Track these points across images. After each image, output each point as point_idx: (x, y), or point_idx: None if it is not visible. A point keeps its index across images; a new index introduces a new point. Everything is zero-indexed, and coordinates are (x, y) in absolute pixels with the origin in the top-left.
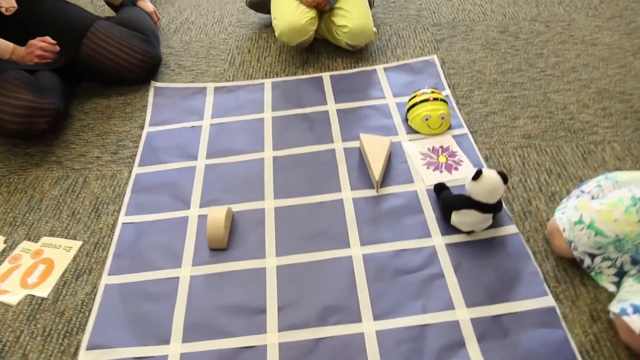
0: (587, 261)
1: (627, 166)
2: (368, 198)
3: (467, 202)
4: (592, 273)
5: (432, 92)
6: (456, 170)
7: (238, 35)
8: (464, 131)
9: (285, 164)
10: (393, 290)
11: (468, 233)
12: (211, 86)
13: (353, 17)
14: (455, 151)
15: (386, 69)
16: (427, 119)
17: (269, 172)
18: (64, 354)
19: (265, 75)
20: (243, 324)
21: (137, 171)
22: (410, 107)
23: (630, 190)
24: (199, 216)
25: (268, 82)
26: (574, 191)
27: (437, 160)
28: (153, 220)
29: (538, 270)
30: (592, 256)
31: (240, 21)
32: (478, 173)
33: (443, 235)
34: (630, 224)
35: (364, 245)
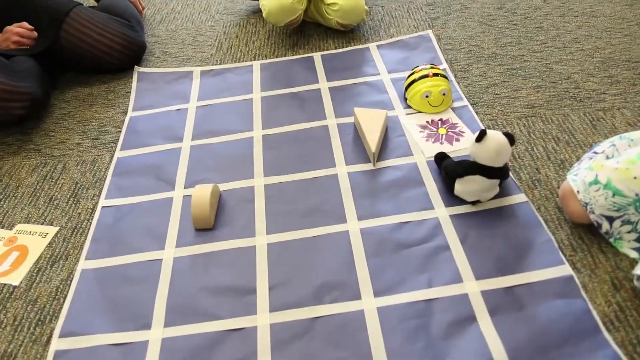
0: (606, 225)
1: None
2: (365, 172)
3: (472, 167)
4: (611, 239)
5: (432, 68)
6: (457, 141)
7: (225, 22)
8: (464, 103)
9: (275, 142)
10: (395, 264)
11: (473, 203)
12: (197, 70)
13: None
14: (455, 123)
15: (379, 46)
16: (428, 96)
17: (259, 150)
18: (35, 343)
19: (253, 58)
20: (230, 306)
21: (119, 155)
22: (408, 85)
23: None
24: (184, 197)
25: (257, 64)
26: (586, 154)
27: (437, 132)
28: (135, 202)
29: (552, 238)
30: (611, 219)
31: (227, 9)
32: (482, 133)
33: (447, 206)
34: None
35: (362, 219)
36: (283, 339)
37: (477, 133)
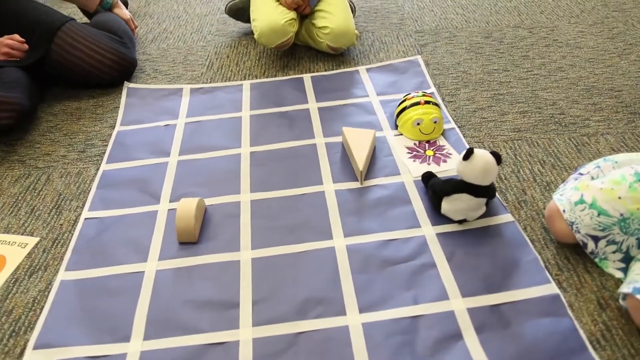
0: (591, 245)
1: None
2: (352, 190)
3: (459, 185)
4: (597, 259)
5: (423, 95)
6: (445, 162)
7: (217, 42)
8: (452, 126)
9: (262, 159)
10: (380, 281)
11: (460, 222)
12: (187, 87)
13: (334, 18)
14: (443, 145)
15: (369, 70)
16: (419, 123)
17: (246, 167)
18: (8, 355)
19: (244, 78)
20: (212, 319)
21: (105, 168)
22: (399, 113)
23: (632, 167)
24: (169, 210)
25: (247, 83)
26: (572, 175)
27: (424, 153)
28: (119, 215)
29: (538, 257)
30: (596, 239)
31: (219, 30)
32: (469, 152)
33: (433, 225)
34: (635, 202)
35: (348, 236)
36: (266, 354)
37: (465, 151)
